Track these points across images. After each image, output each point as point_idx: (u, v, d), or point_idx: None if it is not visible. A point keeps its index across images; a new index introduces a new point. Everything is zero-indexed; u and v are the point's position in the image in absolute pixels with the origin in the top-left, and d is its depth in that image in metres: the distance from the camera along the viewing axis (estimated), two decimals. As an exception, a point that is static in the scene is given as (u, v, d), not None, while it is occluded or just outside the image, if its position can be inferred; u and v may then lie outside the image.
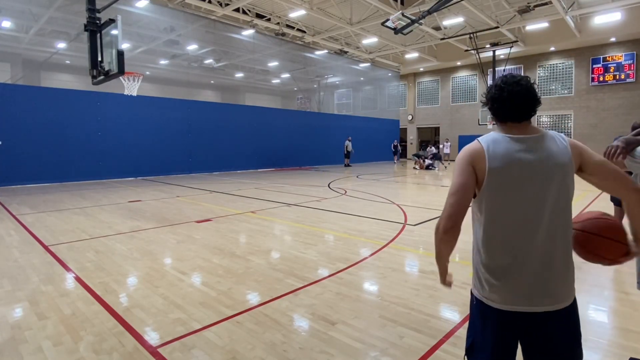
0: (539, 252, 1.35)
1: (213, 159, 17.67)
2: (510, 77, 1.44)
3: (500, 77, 1.48)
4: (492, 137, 1.43)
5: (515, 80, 1.42)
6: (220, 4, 16.24)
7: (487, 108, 1.52)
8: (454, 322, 2.95)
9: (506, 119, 1.44)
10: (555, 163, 1.36)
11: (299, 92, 30.45)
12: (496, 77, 1.52)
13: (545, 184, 1.35)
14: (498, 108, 1.45)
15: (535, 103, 1.42)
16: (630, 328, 2.89)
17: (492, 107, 1.47)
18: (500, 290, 1.38)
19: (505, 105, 1.43)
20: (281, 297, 3.45)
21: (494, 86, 1.47)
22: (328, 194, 10.58)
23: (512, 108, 1.42)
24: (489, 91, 1.49)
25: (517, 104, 1.41)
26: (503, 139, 1.40)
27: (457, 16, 17.70)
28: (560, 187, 1.36)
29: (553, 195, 1.35)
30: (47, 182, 12.78)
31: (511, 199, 1.36)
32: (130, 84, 13.95)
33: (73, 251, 4.97)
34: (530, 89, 1.41)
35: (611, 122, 21.16)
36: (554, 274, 1.36)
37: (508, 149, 1.37)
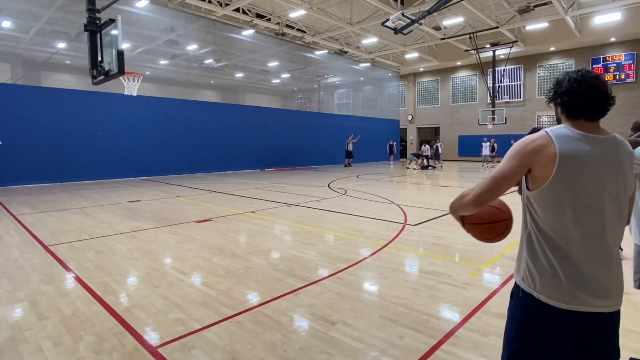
0: (600, 251, 1.33)
1: (213, 159, 17.67)
2: (587, 71, 1.36)
3: (573, 71, 1.39)
4: (563, 133, 1.33)
5: (593, 75, 1.35)
6: (220, 4, 16.24)
7: (557, 103, 1.42)
8: (454, 322, 2.95)
9: (580, 116, 1.35)
10: (624, 166, 1.34)
11: (299, 92, 30.45)
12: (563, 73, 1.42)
13: (616, 186, 1.33)
14: (574, 102, 1.35)
15: (610, 103, 1.35)
16: (630, 328, 2.89)
17: (568, 101, 1.36)
18: (560, 286, 1.32)
19: (583, 100, 1.33)
20: (281, 297, 3.45)
21: (569, 79, 1.37)
22: (328, 194, 10.58)
23: (590, 103, 1.33)
24: (561, 84, 1.40)
25: (596, 100, 1.33)
26: (575, 136, 1.32)
27: (457, 16, 17.71)
28: (627, 191, 1.36)
29: (621, 198, 1.35)
30: (47, 182, 12.77)
31: (580, 196, 1.30)
32: (130, 84, 13.95)
33: (73, 251, 4.97)
34: (607, 87, 1.35)
35: (611, 122, 21.08)
36: (616, 275, 1.36)
37: (577, 145, 1.30)
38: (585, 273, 1.31)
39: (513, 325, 1.43)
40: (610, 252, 1.34)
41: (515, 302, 1.44)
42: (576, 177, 1.29)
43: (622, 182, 1.34)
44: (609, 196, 1.32)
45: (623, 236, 1.40)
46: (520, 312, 1.41)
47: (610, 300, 1.34)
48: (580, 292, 1.31)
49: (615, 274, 1.36)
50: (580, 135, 1.32)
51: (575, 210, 1.31)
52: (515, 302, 1.44)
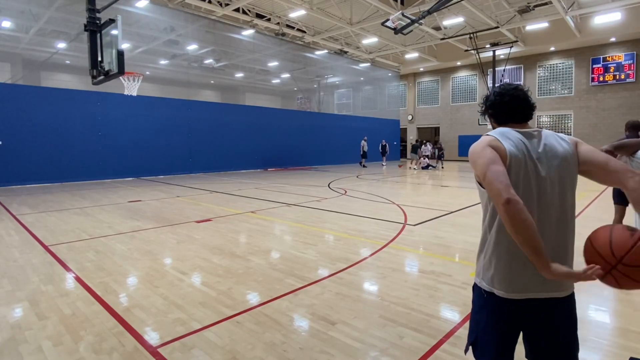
0: (551, 239, 1.38)
1: (213, 159, 17.67)
2: (507, 84, 1.57)
3: (497, 86, 1.60)
4: (500, 130, 1.49)
5: (514, 86, 1.55)
6: (220, 4, 16.24)
7: (488, 114, 1.61)
8: (454, 322, 2.95)
9: (508, 121, 1.54)
10: (560, 153, 1.43)
11: (299, 92, 30.44)
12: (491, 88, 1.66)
13: (555, 171, 1.41)
14: (501, 111, 1.55)
15: (533, 107, 1.54)
16: (630, 328, 2.89)
17: (495, 111, 1.57)
18: (509, 277, 1.41)
19: (508, 108, 1.53)
20: (281, 297, 3.45)
21: (493, 93, 1.58)
22: (328, 194, 10.58)
23: (514, 110, 1.52)
24: (488, 99, 1.60)
25: (519, 106, 1.52)
26: (511, 131, 1.47)
27: (457, 16, 17.70)
28: (567, 178, 1.43)
29: (561, 185, 1.42)
30: (47, 182, 12.78)
31: (527, 185, 1.38)
32: (130, 84, 13.96)
33: (73, 251, 4.97)
34: (527, 95, 1.55)
35: (611, 122, 21.17)
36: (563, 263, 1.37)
37: (519, 138, 1.44)
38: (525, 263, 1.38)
39: (473, 315, 1.56)
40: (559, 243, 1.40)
41: (475, 295, 1.56)
42: (523, 166, 1.38)
43: (564, 167, 1.41)
44: (553, 182, 1.40)
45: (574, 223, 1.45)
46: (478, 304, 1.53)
47: (561, 285, 1.40)
48: (529, 281, 1.39)
49: (566, 262, 1.41)
50: (515, 131, 1.46)
51: (527, 197, 1.36)
52: (475, 295, 1.57)
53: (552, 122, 23.45)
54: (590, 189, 10.52)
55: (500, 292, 1.42)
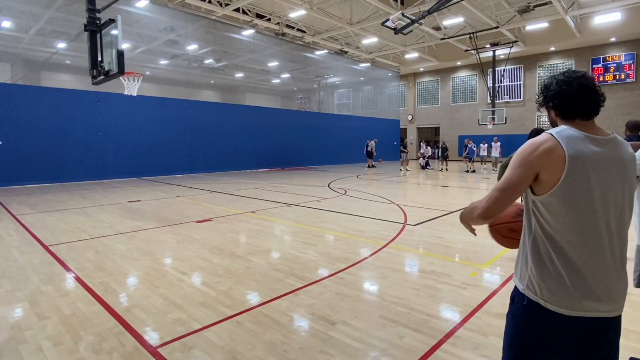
0: (609, 259, 1.31)
1: (213, 159, 17.67)
2: (573, 72, 1.38)
3: (559, 73, 1.40)
4: (568, 134, 1.30)
5: (581, 74, 1.36)
6: (220, 4, 16.24)
7: (550, 107, 1.42)
8: (454, 322, 2.95)
9: (575, 116, 1.35)
10: (629, 169, 1.33)
11: (299, 92, 30.46)
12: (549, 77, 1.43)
13: (621, 189, 1.31)
14: (567, 103, 1.35)
15: (603, 99, 1.36)
16: (630, 328, 2.89)
17: (560, 103, 1.37)
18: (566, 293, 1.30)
19: (575, 100, 1.33)
20: (281, 297, 3.45)
21: (557, 82, 1.38)
22: (328, 194, 10.58)
23: (583, 102, 1.33)
24: (549, 88, 1.41)
25: (588, 98, 1.33)
26: (580, 136, 1.29)
27: (457, 16, 17.70)
28: (631, 194, 1.34)
29: (625, 201, 1.33)
30: (47, 182, 12.77)
31: (588, 200, 1.27)
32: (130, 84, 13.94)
33: (73, 251, 4.97)
34: (597, 85, 1.36)
35: (611, 122, 21.16)
36: (621, 280, 1.34)
37: (584, 148, 1.28)
38: (591, 278, 1.29)
39: (516, 331, 1.40)
40: (615, 256, 1.32)
41: (519, 309, 1.40)
42: (586, 179, 1.26)
43: (627, 185, 1.33)
44: (615, 199, 1.30)
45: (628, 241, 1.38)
46: (525, 319, 1.37)
47: (614, 305, 1.33)
48: (586, 298, 1.29)
49: (621, 279, 1.34)
50: (584, 136, 1.30)
51: (584, 214, 1.28)
52: (518, 309, 1.40)
53: (552, 122, 23.43)
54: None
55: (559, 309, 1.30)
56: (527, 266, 1.38)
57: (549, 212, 1.31)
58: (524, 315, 1.37)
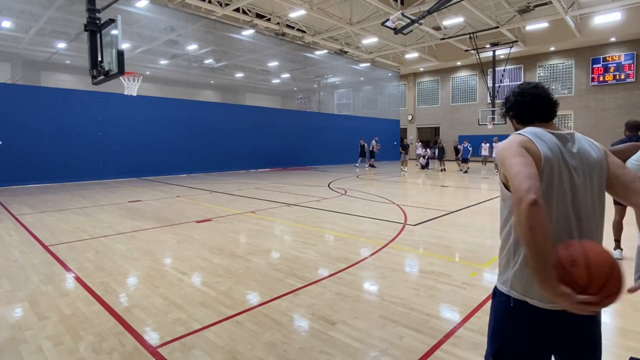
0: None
1: (213, 159, 17.67)
2: (526, 83, 1.52)
3: (516, 87, 1.56)
4: (532, 130, 1.40)
5: (533, 85, 1.50)
6: (220, 4, 16.24)
7: (510, 116, 1.57)
8: (454, 322, 2.95)
9: (533, 120, 1.48)
10: (593, 159, 1.38)
11: (299, 92, 30.46)
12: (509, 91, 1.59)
13: (588, 179, 1.36)
14: (524, 111, 1.50)
15: (556, 104, 1.48)
16: (630, 328, 2.89)
17: (517, 112, 1.52)
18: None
19: (529, 108, 1.48)
20: (281, 297, 3.45)
21: (513, 93, 1.54)
22: (328, 194, 10.58)
23: (537, 109, 1.47)
24: (509, 100, 1.56)
25: (542, 104, 1.47)
26: (544, 132, 1.39)
27: (457, 16, 17.70)
28: (599, 184, 1.38)
29: (594, 191, 1.37)
30: (47, 182, 12.77)
31: (561, 192, 1.32)
32: (130, 84, 13.94)
33: (73, 251, 4.97)
34: (549, 92, 1.49)
35: (611, 122, 21.17)
36: None
37: (553, 141, 1.36)
38: None
39: (497, 324, 1.44)
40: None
41: (500, 304, 1.43)
42: (558, 169, 1.32)
43: (596, 175, 1.37)
44: (586, 190, 1.35)
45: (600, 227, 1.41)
46: (505, 313, 1.41)
47: None
48: None
49: None
50: (548, 132, 1.39)
51: (561, 206, 1.32)
52: (499, 303, 1.44)
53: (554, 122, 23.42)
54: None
55: (535, 301, 1.33)
56: (509, 266, 1.40)
57: None
58: (505, 308, 1.41)
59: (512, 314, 1.39)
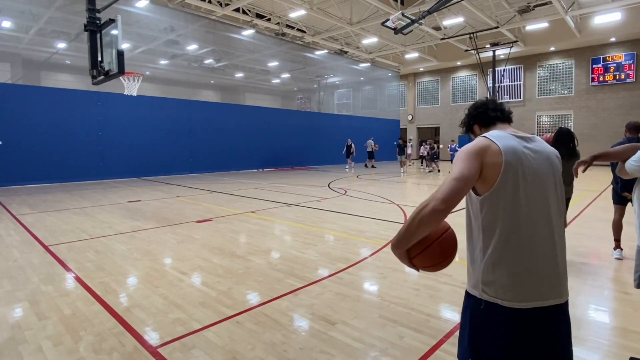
0: (548, 248, 1.37)
1: (213, 159, 17.67)
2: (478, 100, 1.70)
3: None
4: (496, 134, 1.44)
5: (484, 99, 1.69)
6: (220, 4, 16.24)
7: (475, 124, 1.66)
8: (454, 322, 2.95)
9: (495, 120, 1.58)
10: (552, 161, 1.45)
11: (299, 92, 30.46)
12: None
13: (550, 180, 1.42)
14: (483, 113, 1.61)
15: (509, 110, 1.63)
16: (630, 328, 2.89)
17: (480, 117, 1.63)
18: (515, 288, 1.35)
19: (489, 108, 1.60)
20: (281, 297, 3.45)
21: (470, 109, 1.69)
22: (328, 194, 10.58)
23: (496, 109, 1.59)
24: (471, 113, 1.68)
25: (494, 105, 1.60)
26: (507, 134, 1.44)
27: (457, 16, 17.70)
28: (558, 185, 1.44)
29: (555, 192, 1.43)
30: (47, 182, 12.78)
31: (526, 194, 1.36)
32: (130, 84, 13.95)
33: (73, 251, 4.97)
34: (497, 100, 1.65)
35: (611, 122, 21.17)
36: (560, 269, 1.40)
37: (517, 144, 1.40)
38: (542, 270, 1.36)
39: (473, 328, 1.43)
40: (556, 250, 1.40)
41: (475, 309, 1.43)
42: (521, 171, 1.36)
43: (556, 175, 1.44)
44: (550, 186, 1.41)
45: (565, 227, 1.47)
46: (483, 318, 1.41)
47: (560, 291, 1.39)
48: (535, 290, 1.35)
49: (562, 267, 1.41)
50: (510, 134, 1.44)
51: (526, 205, 1.36)
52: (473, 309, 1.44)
53: (552, 122, 23.45)
54: (590, 189, 10.52)
55: (505, 302, 1.35)
56: (479, 270, 1.42)
57: (497, 208, 1.36)
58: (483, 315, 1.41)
59: (485, 316, 1.39)
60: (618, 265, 4.33)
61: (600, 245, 5.17)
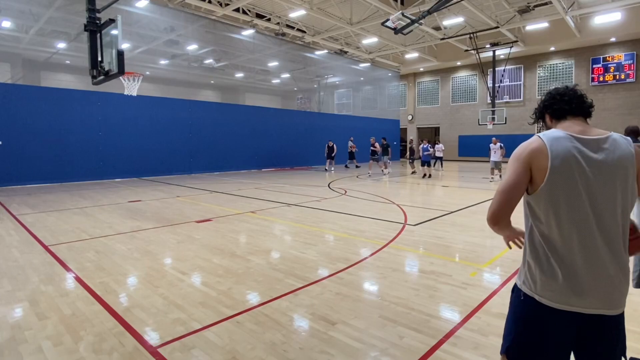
0: (598, 254, 1.32)
1: (213, 159, 17.67)
2: (555, 88, 1.58)
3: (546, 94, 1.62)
4: (554, 135, 1.40)
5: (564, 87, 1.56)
6: (220, 4, 16.24)
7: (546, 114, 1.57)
8: (454, 322, 2.95)
9: (565, 114, 1.49)
10: (617, 165, 1.34)
11: (299, 92, 30.45)
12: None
13: (608, 184, 1.33)
14: (553, 105, 1.52)
15: (591, 104, 1.53)
16: (630, 328, 2.88)
17: (548, 109, 1.55)
18: (559, 288, 1.35)
19: (561, 101, 1.50)
20: (281, 297, 3.45)
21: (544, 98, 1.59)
22: (328, 194, 10.58)
23: (568, 103, 1.49)
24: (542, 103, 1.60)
25: (571, 98, 1.49)
26: (564, 137, 1.39)
27: (457, 16, 17.70)
28: (623, 189, 1.35)
29: (615, 197, 1.34)
30: (47, 182, 12.77)
31: (574, 198, 1.33)
32: (130, 84, 13.94)
33: (73, 251, 4.97)
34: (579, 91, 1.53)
35: (611, 122, 21.15)
36: (612, 278, 1.34)
37: (569, 147, 1.36)
38: (582, 276, 1.33)
39: (514, 321, 1.49)
40: (611, 255, 1.33)
41: (517, 301, 1.49)
42: (570, 177, 1.32)
43: (620, 183, 1.34)
44: (606, 196, 1.33)
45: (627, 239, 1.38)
46: (522, 312, 1.46)
47: (609, 303, 1.34)
48: (578, 295, 1.33)
49: (618, 278, 1.34)
50: (570, 136, 1.38)
51: (572, 211, 1.33)
52: (516, 301, 1.49)
53: (552, 122, 23.41)
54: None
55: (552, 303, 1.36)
56: (525, 263, 1.47)
57: (540, 210, 1.38)
58: (521, 308, 1.46)
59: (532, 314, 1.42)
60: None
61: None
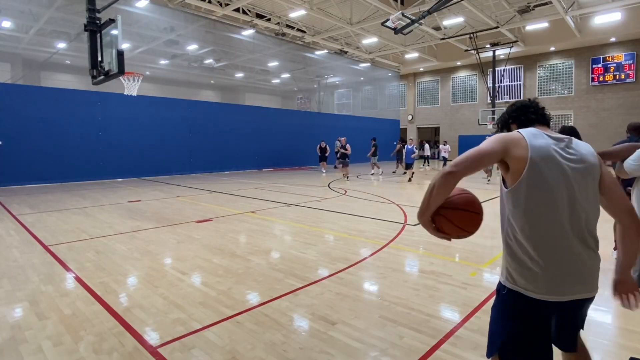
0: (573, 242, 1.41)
1: (213, 159, 17.67)
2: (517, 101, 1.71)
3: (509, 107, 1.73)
4: (531, 131, 1.48)
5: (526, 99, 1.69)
6: (220, 4, 16.24)
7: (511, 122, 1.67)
8: (454, 322, 2.95)
9: (533, 122, 1.59)
10: (589, 164, 1.46)
11: (299, 92, 30.46)
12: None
13: (583, 182, 1.43)
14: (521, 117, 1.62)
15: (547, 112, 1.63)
16: (630, 328, 2.89)
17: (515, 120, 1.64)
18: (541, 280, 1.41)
19: (527, 112, 1.61)
20: (281, 297, 3.45)
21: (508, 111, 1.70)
22: (328, 194, 10.58)
23: (534, 112, 1.60)
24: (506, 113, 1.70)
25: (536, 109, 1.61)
26: (540, 134, 1.47)
27: (457, 16, 17.70)
28: (594, 186, 1.46)
29: (587, 188, 1.44)
30: (47, 182, 12.77)
31: (552, 192, 1.39)
32: (130, 84, 13.94)
33: (73, 251, 4.97)
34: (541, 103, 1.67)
35: (611, 122, 21.16)
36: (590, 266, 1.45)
37: (548, 143, 1.44)
38: (562, 267, 1.40)
39: (504, 319, 1.51)
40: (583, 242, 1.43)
41: (503, 298, 1.53)
42: (548, 169, 1.39)
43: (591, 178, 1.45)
44: (581, 187, 1.42)
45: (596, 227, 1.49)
46: (509, 307, 1.50)
47: (590, 287, 1.45)
48: (559, 285, 1.40)
49: (590, 266, 1.45)
50: (545, 134, 1.48)
51: (549, 203, 1.39)
52: (502, 298, 1.53)
53: (552, 122, 23.28)
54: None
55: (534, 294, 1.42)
56: (505, 259, 1.54)
57: (519, 204, 1.43)
58: (509, 304, 1.50)
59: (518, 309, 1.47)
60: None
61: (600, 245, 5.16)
